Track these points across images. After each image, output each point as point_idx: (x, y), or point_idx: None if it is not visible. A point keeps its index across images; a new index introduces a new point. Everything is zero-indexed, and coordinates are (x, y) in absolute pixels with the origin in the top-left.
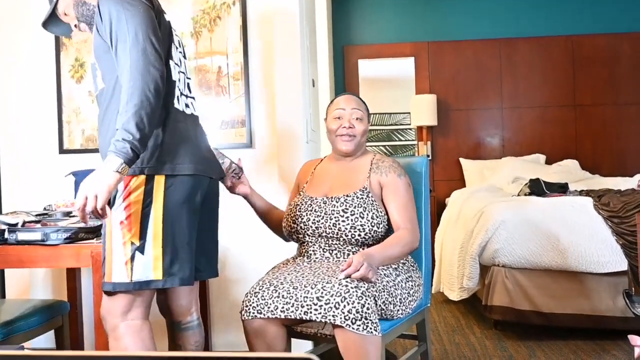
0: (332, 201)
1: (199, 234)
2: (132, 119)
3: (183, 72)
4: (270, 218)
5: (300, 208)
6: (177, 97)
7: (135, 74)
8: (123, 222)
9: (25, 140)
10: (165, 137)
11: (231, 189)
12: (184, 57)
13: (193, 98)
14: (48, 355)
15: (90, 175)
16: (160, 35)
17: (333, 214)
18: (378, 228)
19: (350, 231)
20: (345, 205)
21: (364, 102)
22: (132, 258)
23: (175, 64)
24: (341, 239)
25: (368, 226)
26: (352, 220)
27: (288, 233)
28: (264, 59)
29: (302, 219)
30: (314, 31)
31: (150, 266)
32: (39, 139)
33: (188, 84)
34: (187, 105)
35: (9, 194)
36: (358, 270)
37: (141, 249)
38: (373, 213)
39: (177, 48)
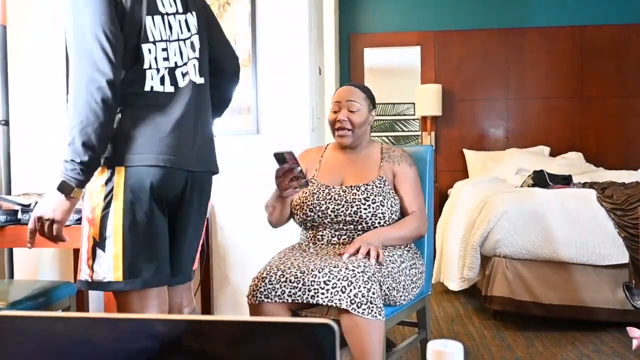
0: (352, 190)
1: (176, 232)
2: (79, 137)
3: (176, 40)
4: (283, 214)
5: (317, 196)
6: (153, 77)
7: (80, 83)
8: (88, 217)
9: (36, 122)
10: (126, 125)
11: (282, 193)
12: (187, 10)
13: (197, 59)
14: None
15: (44, 199)
16: (125, 17)
17: (354, 202)
18: (395, 215)
19: (371, 219)
20: (367, 194)
21: (366, 91)
22: (94, 255)
23: (155, 41)
24: (360, 226)
25: (388, 214)
26: (373, 208)
27: (302, 220)
28: (271, 46)
29: (320, 207)
30: (321, 19)
31: (110, 265)
32: (50, 121)
33: (189, 47)
34: (183, 75)
35: (20, 176)
36: (358, 251)
37: (102, 246)
38: (391, 201)
39: (164, 15)
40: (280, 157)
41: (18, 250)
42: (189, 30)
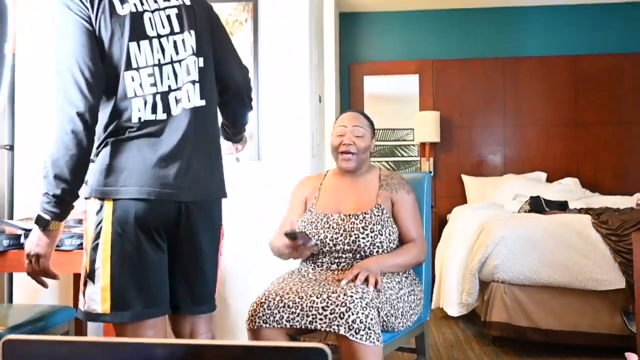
0: (350, 218)
1: (176, 263)
2: (52, 170)
3: (169, 63)
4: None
5: (316, 225)
6: (140, 108)
7: (55, 115)
8: (84, 247)
9: (39, 148)
10: (114, 156)
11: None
12: (183, 29)
13: (196, 81)
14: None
15: (29, 236)
16: (104, 47)
17: (353, 231)
18: (393, 244)
19: (369, 247)
20: (365, 223)
21: (368, 119)
22: (85, 285)
23: (139, 67)
24: (358, 255)
25: (386, 242)
26: (372, 237)
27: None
28: (273, 74)
29: (319, 236)
30: (322, 48)
31: (98, 297)
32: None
33: (184, 69)
34: (176, 101)
35: (23, 201)
36: (357, 277)
37: (92, 277)
38: (389, 230)
39: (154, 38)
40: (292, 236)
41: (17, 275)
42: (185, 50)
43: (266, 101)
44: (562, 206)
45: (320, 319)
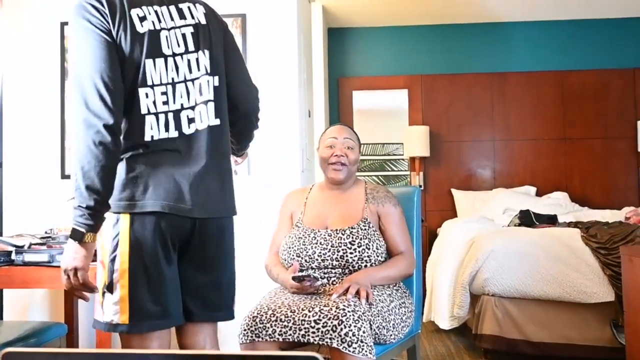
0: (337, 234)
1: (189, 276)
2: (83, 181)
3: (182, 81)
4: None
5: (304, 241)
6: (152, 126)
7: (79, 129)
8: (101, 260)
9: (28, 165)
10: (130, 172)
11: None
12: (198, 49)
13: (211, 101)
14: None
15: (64, 251)
16: (124, 61)
17: (340, 247)
18: (381, 257)
19: (357, 262)
20: (352, 238)
21: (355, 133)
22: (103, 296)
23: (154, 85)
24: (347, 270)
25: (374, 256)
26: (359, 252)
27: (290, 265)
28: (262, 90)
29: (307, 251)
30: (310, 63)
31: (117, 308)
32: (42, 164)
33: (197, 89)
34: (189, 120)
35: (12, 218)
36: (348, 291)
37: (110, 289)
38: (377, 243)
39: (169, 56)
40: (299, 279)
41: (8, 291)
42: (198, 69)
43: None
44: (551, 220)
45: (313, 332)
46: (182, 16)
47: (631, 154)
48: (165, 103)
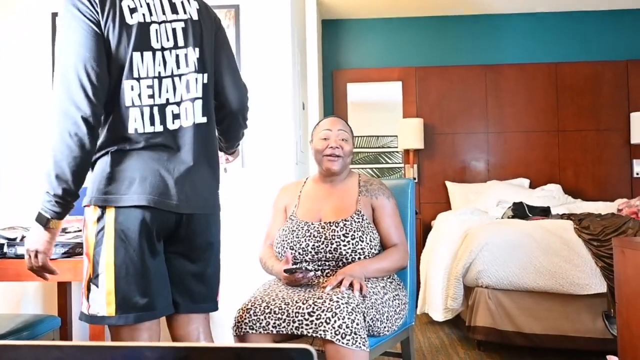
0: (331, 226)
1: (175, 267)
2: (53, 169)
3: (169, 76)
4: None
5: (297, 234)
6: (137, 119)
7: (57, 116)
8: (86, 253)
9: (22, 157)
10: (114, 165)
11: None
12: (187, 45)
13: (198, 98)
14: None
15: (30, 233)
16: (110, 52)
17: (334, 239)
18: (375, 250)
19: (351, 255)
20: (345, 230)
21: (348, 125)
22: (89, 290)
23: (140, 77)
24: (340, 262)
25: (367, 249)
26: (353, 244)
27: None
28: (256, 81)
29: (300, 244)
30: (305, 55)
31: (103, 301)
32: (34, 155)
33: (184, 85)
34: (173, 116)
35: (5, 210)
36: (341, 283)
37: (95, 282)
38: (370, 236)
39: (158, 50)
40: (291, 271)
41: (0, 284)
42: (187, 66)
43: (250, 108)
44: (544, 212)
45: (307, 325)
46: (174, 10)
47: (624, 146)
48: (151, 97)
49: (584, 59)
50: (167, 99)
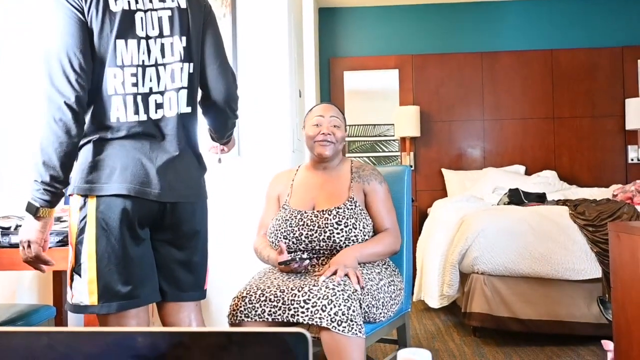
0: (324, 214)
1: (162, 255)
2: (40, 156)
3: (154, 65)
4: None
5: (290, 223)
6: (119, 108)
7: (43, 103)
8: (70, 242)
9: (17, 146)
10: (96, 154)
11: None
12: (173, 34)
13: (183, 88)
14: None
15: (23, 223)
16: (92, 40)
17: (327, 227)
18: (368, 236)
19: (344, 242)
20: (338, 218)
21: (341, 111)
22: (72, 279)
23: (124, 65)
24: (335, 250)
25: (361, 235)
26: (346, 232)
27: (277, 249)
28: (252, 69)
29: (293, 233)
30: (301, 43)
31: (85, 290)
32: (29, 144)
33: (169, 74)
34: (156, 105)
35: (1, 200)
36: (336, 273)
37: (78, 271)
38: (363, 222)
39: (142, 38)
40: (286, 263)
41: None
42: (172, 54)
43: (246, 96)
44: (540, 198)
45: (302, 312)
46: None
47: (619, 132)
48: (134, 85)
49: (579, 46)
50: (151, 88)
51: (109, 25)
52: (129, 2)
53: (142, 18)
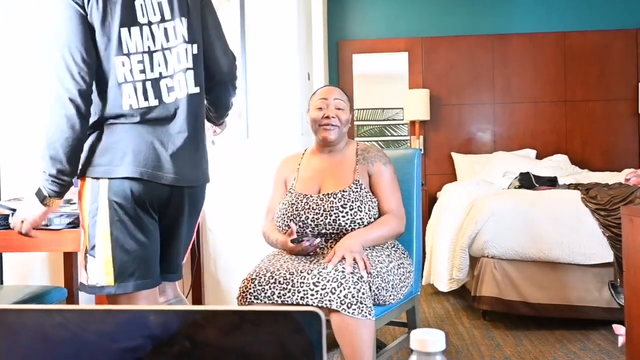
0: (329, 198)
1: (167, 237)
2: (47, 151)
3: (160, 50)
4: None
5: (296, 207)
6: (130, 95)
7: (48, 98)
8: (82, 225)
9: (26, 129)
10: (107, 139)
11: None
12: (174, 17)
13: (189, 69)
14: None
15: (24, 201)
16: (95, 32)
17: (332, 211)
18: (373, 219)
19: (350, 225)
20: (344, 201)
21: (345, 93)
22: (86, 260)
23: (130, 53)
24: (341, 233)
25: (366, 218)
26: (351, 215)
27: (285, 231)
28: (261, 52)
29: (300, 217)
30: (310, 26)
31: (102, 271)
32: (38, 137)
33: (175, 57)
34: (168, 89)
35: (9, 182)
36: (340, 261)
37: (92, 253)
38: (369, 205)
39: (145, 25)
40: (297, 241)
41: (8, 255)
42: (176, 38)
43: (254, 79)
44: (551, 182)
45: (312, 295)
46: None
47: (632, 116)
48: (142, 72)
49: (592, 28)
50: (160, 73)
51: (110, 14)
52: None
53: (141, 5)
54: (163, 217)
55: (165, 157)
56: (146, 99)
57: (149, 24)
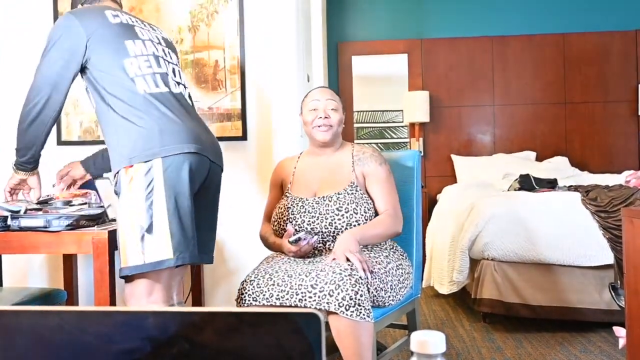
0: (324, 201)
1: (196, 217)
2: (17, 129)
3: (162, 57)
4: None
5: (292, 210)
6: (142, 84)
7: (31, 91)
8: (132, 208)
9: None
10: (146, 124)
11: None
12: (160, 44)
13: (184, 85)
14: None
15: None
16: (104, 42)
17: (328, 214)
18: (370, 221)
19: (346, 228)
20: (339, 204)
21: (337, 94)
22: (142, 239)
23: (137, 55)
24: (337, 236)
25: (362, 220)
26: (347, 217)
27: (282, 234)
28: (259, 54)
29: (295, 221)
30: (309, 27)
31: (161, 245)
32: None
33: (173, 69)
34: (175, 82)
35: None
36: (347, 260)
37: (149, 230)
38: (365, 207)
39: (143, 40)
40: (296, 241)
41: (6, 257)
42: (171, 58)
43: (252, 80)
44: (551, 184)
45: (310, 297)
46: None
47: (631, 118)
48: (150, 67)
49: (592, 30)
50: (166, 72)
51: (114, 31)
52: (127, 19)
53: (140, 29)
54: (199, 194)
55: (201, 135)
56: (157, 86)
57: (150, 40)
